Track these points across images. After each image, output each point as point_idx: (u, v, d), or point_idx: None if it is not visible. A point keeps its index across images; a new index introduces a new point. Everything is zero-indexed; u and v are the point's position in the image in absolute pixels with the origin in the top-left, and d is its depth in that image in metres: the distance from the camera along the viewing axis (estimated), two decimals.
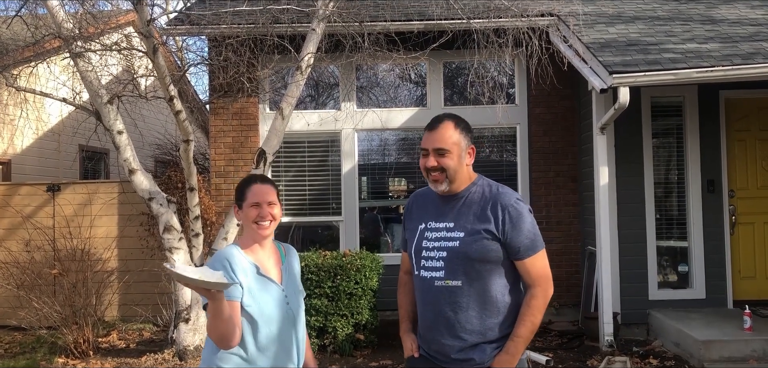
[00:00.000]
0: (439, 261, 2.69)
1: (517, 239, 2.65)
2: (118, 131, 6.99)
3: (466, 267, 2.65)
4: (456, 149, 2.70)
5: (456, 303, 2.67)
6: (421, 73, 9.31)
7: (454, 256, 2.67)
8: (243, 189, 2.77)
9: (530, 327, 2.66)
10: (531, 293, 2.68)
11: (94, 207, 9.12)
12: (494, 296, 2.67)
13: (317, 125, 8.94)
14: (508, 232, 2.64)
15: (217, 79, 8.41)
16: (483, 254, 2.64)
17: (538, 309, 2.67)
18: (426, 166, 2.74)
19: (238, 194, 2.78)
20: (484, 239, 2.64)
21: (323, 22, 7.16)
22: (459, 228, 2.69)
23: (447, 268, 2.68)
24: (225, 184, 8.85)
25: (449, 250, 2.68)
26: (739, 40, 7.36)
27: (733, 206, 7.84)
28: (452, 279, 2.67)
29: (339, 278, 6.97)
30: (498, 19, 7.83)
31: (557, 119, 8.77)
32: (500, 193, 2.71)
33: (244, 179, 2.86)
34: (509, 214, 2.65)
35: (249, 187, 2.75)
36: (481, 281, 2.66)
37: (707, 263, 7.72)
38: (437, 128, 2.72)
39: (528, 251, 2.66)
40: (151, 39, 6.25)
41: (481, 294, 2.66)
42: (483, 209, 2.68)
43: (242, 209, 2.75)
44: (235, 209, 2.80)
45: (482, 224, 2.66)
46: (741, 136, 7.93)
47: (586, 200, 8.31)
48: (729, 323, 6.87)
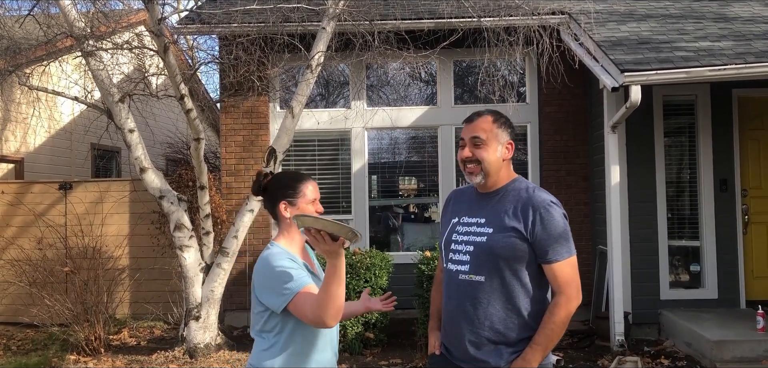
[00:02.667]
0: (466, 255, 2.68)
1: (545, 242, 2.58)
2: (130, 130, 7.02)
3: (490, 263, 2.62)
4: (493, 142, 2.67)
5: (476, 298, 2.64)
6: (431, 72, 9.30)
7: (480, 251, 2.64)
8: (296, 185, 2.65)
9: (550, 335, 2.57)
10: (555, 300, 2.60)
11: (105, 205, 9.17)
12: (516, 296, 2.61)
13: (327, 123, 8.95)
14: (537, 233, 2.57)
15: (228, 78, 8.43)
16: (509, 252, 2.59)
17: (561, 318, 2.57)
18: (462, 157, 2.72)
19: (289, 189, 2.65)
20: (512, 237, 2.59)
21: (333, 20, 7.16)
22: (489, 224, 2.66)
23: (472, 262, 2.66)
24: (235, 182, 8.88)
25: (476, 245, 2.66)
26: (753, 38, 7.29)
27: (745, 206, 7.77)
28: (476, 273, 2.64)
29: (348, 276, 6.96)
30: (509, 17, 7.80)
31: (568, 118, 8.73)
32: (535, 194, 2.64)
33: (291, 175, 2.74)
34: (540, 215, 2.58)
35: (304, 183, 2.66)
36: (504, 279, 2.61)
37: (719, 263, 7.66)
38: (476, 120, 2.73)
39: (556, 255, 2.58)
40: (161, 38, 6.27)
41: (502, 292, 2.62)
42: (515, 209, 2.63)
43: (295, 205, 2.63)
44: (283, 206, 2.63)
45: (512, 222, 2.61)
46: (754, 135, 7.86)
47: (597, 199, 8.27)
48: (742, 323, 6.81)
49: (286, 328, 2.53)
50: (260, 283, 2.54)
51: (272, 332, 2.55)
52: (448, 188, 8.77)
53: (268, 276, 2.51)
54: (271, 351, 2.54)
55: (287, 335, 2.54)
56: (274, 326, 2.54)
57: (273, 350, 2.54)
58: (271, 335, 2.55)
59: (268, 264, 2.53)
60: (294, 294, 2.43)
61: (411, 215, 9.52)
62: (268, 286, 2.50)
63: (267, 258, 2.55)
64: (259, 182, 2.70)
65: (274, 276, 2.48)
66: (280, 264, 2.50)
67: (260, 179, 2.70)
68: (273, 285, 2.48)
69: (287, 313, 2.49)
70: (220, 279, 7.06)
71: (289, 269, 2.48)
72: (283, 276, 2.47)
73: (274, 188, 2.67)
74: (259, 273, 2.55)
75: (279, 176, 2.74)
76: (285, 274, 2.47)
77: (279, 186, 2.67)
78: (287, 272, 2.47)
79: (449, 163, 8.89)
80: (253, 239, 8.66)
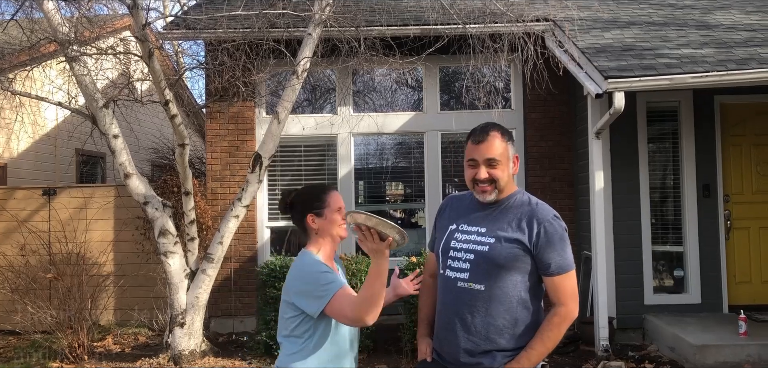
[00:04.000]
0: (466, 263, 2.69)
1: (548, 255, 2.63)
2: (114, 135, 6.98)
3: (490, 272, 2.64)
4: (505, 160, 2.69)
5: (474, 307, 2.66)
6: (417, 78, 9.32)
7: (481, 260, 2.66)
8: (321, 197, 2.78)
9: (547, 342, 2.62)
10: (555, 310, 2.65)
11: (89, 211, 9.11)
12: (514, 305, 2.65)
13: (313, 129, 8.95)
14: (541, 246, 2.62)
15: (213, 84, 8.41)
16: (510, 262, 2.63)
17: (559, 328, 2.62)
18: (476, 177, 2.70)
19: (314, 201, 2.77)
20: (515, 247, 2.63)
21: (319, 26, 7.17)
22: (491, 234, 2.67)
23: (472, 271, 2.67)
24: (221, 188, 8.84)
25: (477, 253, 2.67)
26: (734, 46, 7.38)
27: (728, 211, 7.85)
28: (476, 282, 2.66)
29: None
30: (494, 24, 7.84)
31: (553, 124, 8.79)
32: (538, 207, 2.69)
33: (316, 188, 2.87)
34: (545, 229, 2.63)
35: (329, 193, 2.80)
36: (503, 288, 2.64)
37: (703, 268, 7.73)
38: (486, 140, 2.69)
39: (559, 268, 2.63)
40: (146, 43, 6.25)
41: (501, 300, 2.64)
42: (519, 220, 2.66)
43: (323, 216, 2.75)
44: (310, 218, 2.76)
45: (515, 233, 2.65)
46: (736, 141, 7.95)
47: (581, 204, 8.32)
48: (724, 328, 6.88)
49: (317, 332, 2.65)
50: (296, 289, 2.65)
51: (302, 337, 2.66)
52: (435, 193, 8.79)
53: (304, 281, 2.63)
54: (301, 354, 2.66)
55: (317, 339, 2.65)
56: (305, 331, 2.65)
57: (303, 353, 2.65)
58: (300, 340, 2.66)
59: (303, 270, 2.67)
60: (332, 294, 2.55)
61: (398, 220, 9.53)
62: (304, 291, 2.62)
63: (301, 265, 2.69)
64: (284, 200, 2.87)
65: (311, 280, 2.61)
66: (315, 269, 2.64)
67: (286, 198, 2.87)
68: (310, 290, 2.60)
69: (320, 317, 2.61)
70: (205, 285, 7.03)
71: (325, 273, 2.62)
72: (320, 279, 2.60)
73: (300, 202, 2.83)
74: (295, 279, 2.67)
75: (304, 191, 2.89)
76: (322, 276, 2.60)
77: (305, 200, 2.82)
78: (324, 274, 2.61)
79: (435, 168, 8.91)
80: (238, 245, 8.63)
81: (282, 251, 8.71)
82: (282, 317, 2.72)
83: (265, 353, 7.16)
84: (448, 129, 8.95)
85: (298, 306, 2.63)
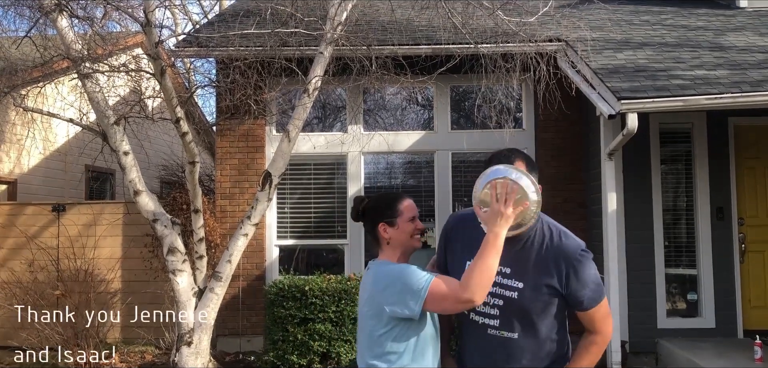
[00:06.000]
0: (495, 309, 2.58)
1: (580, 293, 2.54)
2: (124, 152, 6.97)
3: (523, 320, 2.56)
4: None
5: (510, 354, 2.59)
6: (428, 97, 9.30)
7: (511, 307, 2.56)
8: (393, 205, 2.71)
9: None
10: (592, 339, 2.61)
11: (98, 228, 9.09)
12: (547, 344, 2.60)
13: (324, 147, 8.92)
14: (572, 287, 2.53)
15: (224, 101, 8.41)
16: (543, 310, 2.56)
17: (598, 355, 2.61)
18: None
19: (387, 210, 2.70)
20: (547, 294, 2.54)
21: (331, 45, 7.16)
22: (517, 277, 2.55)
23: (502, 318, 2.57)
24: (230, 206, 8.82)
25: (507, 300, 2.56)
26: (748, 67, 7.32)
27: (742, 234, 7.75)
28: (508, 330, 2.57)
29: (343, 302, 6.90)
30: (506, 44, 7.81)
31: (565, 145, 8.73)
32: (563, 243, 2.56)
33: (388, 197, 2.82)
34: (574, 268, 2.53)
35: (401, 201, 2.72)
36: (537, 332, 2.58)
37: (717, 292, 7.62)
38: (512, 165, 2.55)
39: (592, 302, 2.56)
40: (159, 61, 6.26)
41: (535, 342, 2.59)
42: (545, 261, 2.54)
43: (395, 225, 2.68)
44: (382, 227, 2.68)
45: (544, 278, 2.53)
46: (750, 163, 7.86)
47: (593, 226, 8.23)
48: (739, 353, 6.76)
49: (411, 342, 2.54)
50: (388, 296, 2.53)
51: (396, 352, 2.53)
52: (445, 212, 8.73)
53: (395, 284, 2.53)
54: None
55: (411, 350, 2.54)
56: (401, 343, 2.53)
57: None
58: (395, 356, 2.54)
59: (389, 275, 2.57)
60: (430, 283, 2.46)
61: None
62: (396, 291, 2.52)
63: (383, 272, 2.60)
64: (357, 208, 2.79)
65: (401, 279, 2.52)
66: (400, 268, 2.56)
67: (358, 206, 2.79)
68: (402, 289, 2.51)
69: (415, 323, 2.51)
70: (213, 303, 6.98)
71: (412, 267, 2.54)
72: (411, 274, 2.52)
73: (372, 211, 2.75)
74: (384, 288, 2.56)
75: (376, 200, 2.81)
76: (411, 271, 2.52)
77: (377, 209, 2.74)
78: (411, 269, 2.54)
79: (445, 187, 8.86)
80: (246, 263, 8.58)
81: (291, 271, 8.66)
82: (371, 336, 2.58)
83: None
84: (458, 148, 8.91)
85: (394, 315, 2.51)
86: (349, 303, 6.87)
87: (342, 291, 6.93)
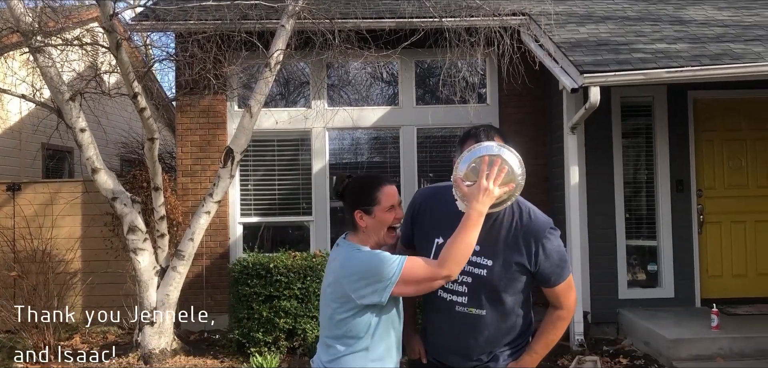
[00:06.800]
0: (463, 286, 2.56)
1: (549, 270, 2.56)
2: (81, 129, 6.77)
3: (491, 296, 2.56)
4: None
5: (477, 330, 2.59)
6: (392, 72, 9.23)
7: (480, 284, 2.55)
8: (370, 193, 2.55)
9: (550, 344, 2.66)
10: (558, 314, 2.64)
11: (56, 207, 8.85)
12: (514, 318, 2.63)
13: (287, 123, 8.81)
14: (541, 264, 2.54)
15: (184, 76, 8.21)
16: (512, 287, 2.56)
17: (562, 329, 2.67)
18: None
19: (364, 197, 2.55)
20: (516, 271, 2.54)
21: (293, 18, 7.04)
22: (487, 255, 2.53)
23: (471, 295, 2.56)
24: (192, 183, 8.67)
25: (476, 277, 2.55)
26: (707, 41, 7.43)
27: (701, 206, 7.91)
28: (476, 307, 2.57)
29: (309, 279, 6.86)
30: (470, 17, 7.77)
31: (528, 119, 8.77)
32: (532, 221, 2.55)
33: (365, 181, 2.67)
34: (543, 246, 2.53)
35: (380, 189, 2.56)
36: (504, 308, 2.59)
37: (676, 263, 7.78)
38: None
39: (559, 279, 2.59)
40: (114, 34, 6.07)
41: (503, 319, 2.60)
42: (515, 238, 2.54)
43: (372, 214, 2.53)
44: (358, 215, 2.54)
45: (514, 255, 2.53)
46: (709, 136, 8.00)
47: (556, 199, 8.31)
48: (697, 321, 6.92)
49: (370, 328, 2.48)
50: (353, 283, 2.45)
51: (357, 336, 2.47)
52: (411, 188, 8.71)
53: (364, 269, 2.44)
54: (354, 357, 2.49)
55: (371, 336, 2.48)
56: (362, 326, 2.46)
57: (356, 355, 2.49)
58: (354, 339, 2.48)
59: (358, 260, 2.47)
60: (402, 268, 2.40)
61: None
62: (364, 281, 2.43)
63: (351, 256, 2.50)
64: (337, 188, 2.66)
65: (369, 269, 2.43)
66: (371, 254, 2.46)
67: (338, 186, 2.65)
68: (371, 278, 2.42)
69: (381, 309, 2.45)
70: (175, 282, 6.87)
71: (383, 253, 2.45)
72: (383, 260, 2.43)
73: (350, 195, 2.61)
74: (351, 272, 2.47)
75: (354, 183, 2.64)
76: (382, 257, 2.43)
77: (354, 194, 2.60)
78: (382, 255, 2.45)
79: (411, 163, 8.84)
80: (210, 241, 8.47)
81: (255, 248, 8.58)
82: (332, 318, 2.52)
83: (238, 351, 7.04)
84: (424, 124, 8.88)
85: (359, 301, 2.44)
86: (314, 279, 6.82)
87: (307, 268, 6.88)
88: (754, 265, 7.92)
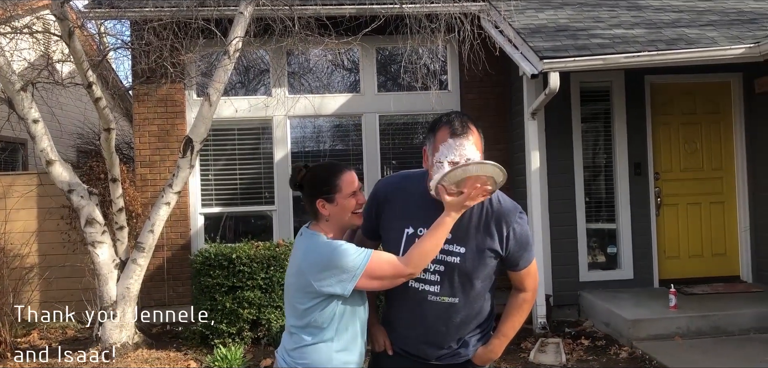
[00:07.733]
0: (435, 275, 2.54)
1: (517, 254, 2.58)
2: (34, 120, 6.58)
3: (464, 283, 2.55)
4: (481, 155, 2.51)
5: (450, 319, 2.58)
6: (353, 59, 9.19)
7: (452, 272, 2.53)
8: (332, 179, 2.53)
9: (516, 326, 2.70)
10: (524, 297, 2.67)
11: (10, 201, 8.60)
12: (483, 303, 2.65)
13: (247, 111, 8.70)
14: (511, 248, 2.56)
15: (140, 65, 8.04)
16: (483, 272, 2.56)
17: (527, 311, 2.71)
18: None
19: (325, 185, 2.53)
20: (488, 257, 2.54)
21: (251, 4, 6.93)
22: (459, 242, 2.51)
23: (443, 283, 2.54)
24: (150, 174, 8.51)
25: (448, 265, 2.52)
26: (663, 26, 7.56)
27: (658, 188, 8.07)
28: (449, 295, 2.55)
29: (272, 269, 6.80)
30: (430, 3, 7.75)
31: (489, 105, 8.82)
32: (502, 206, 2.56)
33: (325, 169, 2.61)
34: (514, 231, 2.54)
35: (341, 175, 2.54)
36: (474, 291, 2.58)
37: (635, 244, 7.93)
38: (466, 135, 2.45)
39: (526, 262, 2.62)
40: (66, 22, 5.91)
41: (473, 303, 2.60)
42: (487, 224, 2.53)
43: (334, 201, 2.52)
44: (320, 204, 2.52)
45: (486, 240, 2.52)
46: (665, 120, 8.16)
47: (517, 184, 8.38)
48: (656, 302, 7.07)
49: (335, 319, 2.47)
50: (316, 273, 2.43)
51: (320, 327, 2.46)
52: (374, 175, 8.70)
53: (328, 261, 2.42)
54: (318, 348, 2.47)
55: (335, 327, 2.48)
56: (326, 317, 2.45)
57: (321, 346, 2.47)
58: (317, 329, 2.47)
59: (322, 251, 2.45)
60: (367, 261, 2.41)
61: None
62: (327, 271, 2.42)
63: (317, 247, 2.47)
64: (294, 178, 2.62)
65: (332, 259, 2.42)
66: (335, 246, 2.44)
67: (295, 177, 2.61)
68: (334, 268, 2.41)
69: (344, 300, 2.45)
70: (136, 275, 6.76)
71: (347, 246, 2.44)
72: (348, 252, 2.42)
73: (309, 185, 2.58)
74: (315, 263, 2.44)
75: (314, 171, 2.61)
76: (346, 249, 2.42)
77: (314, 183, 2.57)
78: (347, 247, 2.44)
79: (374, 151, 8.82)
80: (170, 233, 8.34)
81: (217, 239, 8.48)
82: (295, 308, 2.50)
83: (201, 343, 6.95)
84: (386, 111, 8.86)
85: (323, 291, 2.42)
86: (278, 269, 6.77)
87: (271, 258, 6.82)
88: (709, 245, 8.12)
